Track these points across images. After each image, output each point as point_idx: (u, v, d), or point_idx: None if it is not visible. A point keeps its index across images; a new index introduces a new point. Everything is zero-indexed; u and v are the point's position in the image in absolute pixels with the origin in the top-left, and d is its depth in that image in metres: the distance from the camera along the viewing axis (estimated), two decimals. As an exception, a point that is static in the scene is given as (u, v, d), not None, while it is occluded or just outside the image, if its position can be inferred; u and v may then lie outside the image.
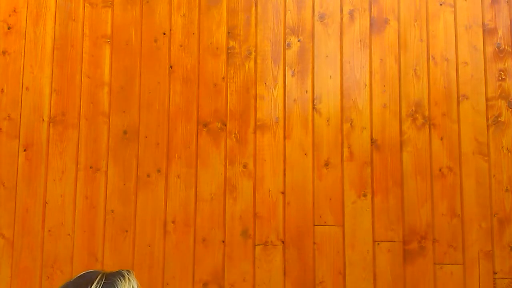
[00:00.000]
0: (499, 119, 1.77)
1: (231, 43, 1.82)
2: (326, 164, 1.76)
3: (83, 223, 1.75)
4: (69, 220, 1.75)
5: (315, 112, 1.78)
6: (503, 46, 1.81)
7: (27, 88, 1.82)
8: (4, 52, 1.84)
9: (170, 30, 1.83)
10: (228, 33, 1.83)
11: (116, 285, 1.07)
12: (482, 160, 1.75)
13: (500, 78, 1.79)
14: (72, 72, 1.82)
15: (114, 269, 1.76)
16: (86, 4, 1.85)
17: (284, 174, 1.76)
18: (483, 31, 1.81)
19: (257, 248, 1.72)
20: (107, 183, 1.77)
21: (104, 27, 1.84)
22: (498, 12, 1.82)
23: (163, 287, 1.72)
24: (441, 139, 1.76)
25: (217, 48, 1.82)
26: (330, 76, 1.80)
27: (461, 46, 1.81)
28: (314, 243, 1.73)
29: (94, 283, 1.06)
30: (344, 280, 1.71)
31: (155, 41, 1.83)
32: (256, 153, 1.77)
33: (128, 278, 1.10)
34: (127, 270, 1.13)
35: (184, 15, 1.84)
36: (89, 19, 1.84)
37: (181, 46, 1.82)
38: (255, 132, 1.78)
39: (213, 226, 1.74)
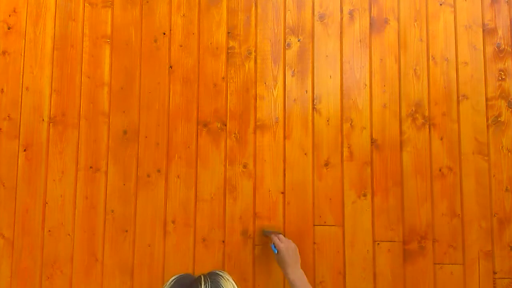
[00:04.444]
0: (499, 119, 1.77)
1: (231, 43, 1.82)
2: (326, 164, 1.76)
3: (83, 223, 1.75)
4: (69, 220, 1.75)
5: (315, 112, 1.78)
6: (503, 46, 1.81)
7: (27, 88, 1.82)
8: (4, 52, 1.84)
9: (170, 30, 1.83)
10: (228, 33, 1.83)
11: (221, 284, 1.08)
12: (482, 160, 1.76)
13: (500, 78, 1.79)
14: (72, 72, 1.82)
15: (114, 269, 1.77)
16: (86, 4, 1.85)
17: (284, 174, 1.76)
18: (483, 31, 1.81)
19: (257, 248, 1.72)
20: (107, 183, 1.77)
21: (104, 27, 1.84)
22: (498, 12, 1.82)
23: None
24: (441, 139, 1.77)
25: (217, 48, 1.82)
26: (330, 76, 1.80)
27: (461, 46, 1.81)
28: (314, 243, 1.73)
29: (202, 284, 1.07)
30: (344, 280, 1.71)
31: (155, 41, 1.83)
32: (256, 153, 1.77)
33: (226, 278, 1.11)
34: (220, 271, 1.14)
35: (184, 15, 1.84)
36: (89, 19, 1.84)
37: (181, 46, 1.82)
38: (255, 132, 1.78)
39: (213, 226, 1.74)
